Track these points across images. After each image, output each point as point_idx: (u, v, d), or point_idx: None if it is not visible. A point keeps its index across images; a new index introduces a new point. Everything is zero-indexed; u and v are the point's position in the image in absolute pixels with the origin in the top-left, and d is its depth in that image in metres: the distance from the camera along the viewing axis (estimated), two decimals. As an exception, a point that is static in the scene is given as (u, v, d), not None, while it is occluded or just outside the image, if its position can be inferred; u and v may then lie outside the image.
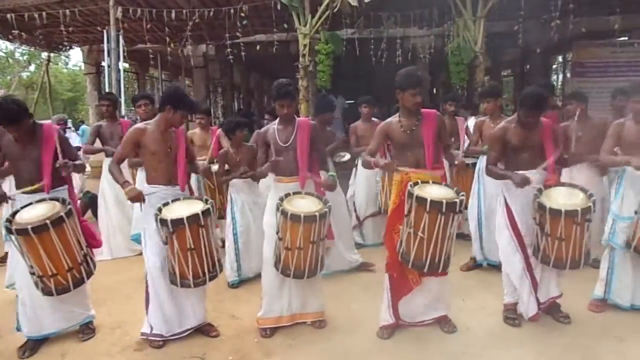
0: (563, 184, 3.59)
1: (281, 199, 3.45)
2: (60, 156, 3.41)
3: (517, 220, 3.58)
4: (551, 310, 3.69)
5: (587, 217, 3.29)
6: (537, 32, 9.89)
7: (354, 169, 5.81)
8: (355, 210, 5.72)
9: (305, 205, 3.41)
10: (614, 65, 10.61)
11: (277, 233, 3.42)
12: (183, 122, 3.53)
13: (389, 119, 3.56)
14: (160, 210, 3.33)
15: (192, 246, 3.27)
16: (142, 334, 3.51)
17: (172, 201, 3.44)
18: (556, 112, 5.32)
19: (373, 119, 5.59)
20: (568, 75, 13.77)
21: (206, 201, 3.46)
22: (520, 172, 3.48)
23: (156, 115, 3.55)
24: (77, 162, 3.57)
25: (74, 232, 3.31)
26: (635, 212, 3.56)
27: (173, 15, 8.65)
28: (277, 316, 3.63)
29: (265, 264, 3.66)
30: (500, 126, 3.72)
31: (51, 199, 3.35)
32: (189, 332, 3.60)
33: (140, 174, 5.04)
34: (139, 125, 3.56)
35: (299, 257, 3.37)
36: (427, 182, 3.32)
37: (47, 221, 3.12)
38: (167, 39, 9.69)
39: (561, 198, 3.38)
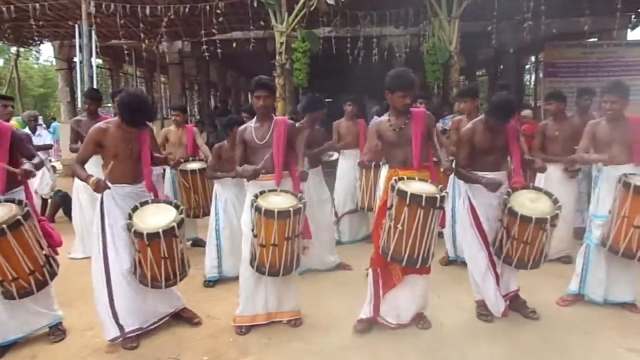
0: (528, 188, 3.67)
1: (256, 196, 3.45)
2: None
3: (481, 219, 3.65)
4: (519, 307, 3.77)
5: (554, 222, 3.38)
6: (510, 32, 10.08)
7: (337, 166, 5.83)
8: (334, 207, 5.74)
9: (280, 201, 3.42)
10: (584, 65, 10.87)
11: (252, 230, 3.42)
12: (132, 131, 3.41)
13: (380, 118, 3.61)
14: (130, 216, 3.31)
15: (166, 255, 3.29)
16: (112, 339, 3.42)
17: (141, 205, 3.41)
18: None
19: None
20: (540, 75, 14.07)
21: (177, 207, 3.45)
22: (490, 175, 3.56)
23: None
24: (34, 160, 3.46)
25: (33, 234, 3.21)
26: (609, 212, 3.65)
27: (147, 10, 8.51)
28: (253, 314, 3.63)
29: (242, 262, 3.65)
30: (467, 127, 3.77)
31: (6, 201, 3.23)
32: (165, 319, 3.63)
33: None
34: (100, 125, 3.46)
35: (274, 254, 3.37)
36: (413, 179, 3.36)
37: (4, 226, 3.02)
38: (142, 35, 9.54)
39: (529, 203, 3.47)
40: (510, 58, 12.57)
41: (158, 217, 3.33)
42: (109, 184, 3.32)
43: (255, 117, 3.72)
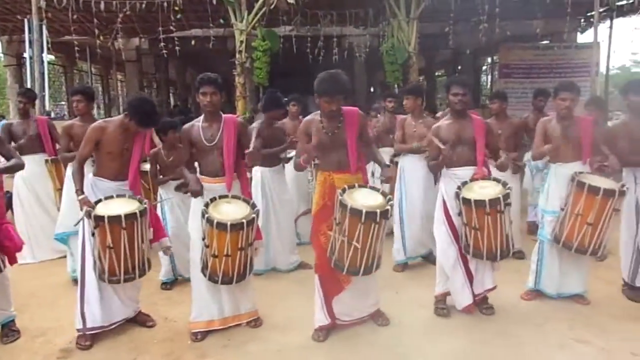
0: (488, 178, 3.70)
1: (206, 205, 3.30)
2: None
3: (452, 215, 3.71)
4: (477, 302, 3.84)
5: (498, 207, 3.41)
6: (466, 34, 10.33)
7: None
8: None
9: (232, 211, 3.28)
10: (536, 67, 11.24)
11: (204, 240, 3.30)
12: (139, 131, 3.45)
13: (310, 117, 3.48)
14: (98, 202, 3.29)
15: (111, 245, 3.20)
16: (78, 330, 3.41)
17: (117, 196, 3.39)
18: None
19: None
20: (496, 75, 14.47)
21: (141, 202, 3.37)
22: (459, 170, 3.65)
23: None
24: (10, 162, 3.38)
25: None
26: (562, 209, 3.75)
27: (102, 5, 8.27)
28: (208, 320, 3.53)
29: (192, 268, 3.55)
30: (435, 125, 3.85)
31: None
32: (124, 321, 3.59)
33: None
34: (100, 123, 3.52)
35: (227, 264, 3.26)
36: (353, 186, 3.31)
37: None
38: (96, 30, 9.25)
39: (478, 189, 3.52)
40: (468, 59, 12.91)
41: (119, 207, 3.26)
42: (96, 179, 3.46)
43: (203, 116, 3.54)
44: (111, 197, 3.37)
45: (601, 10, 9.09)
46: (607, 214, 3.57)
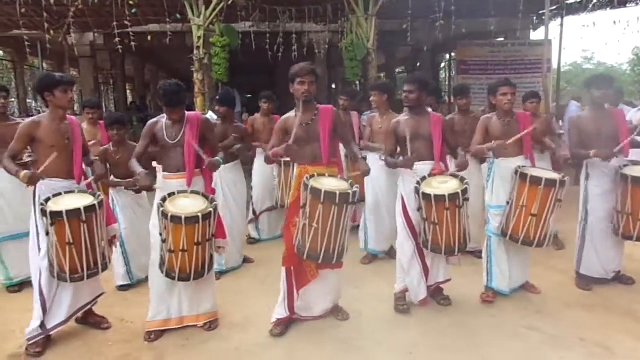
0: (446, 173, 3.75)
1: (163, 199, 3.30)
2: None
3: (409, 209, 3.76)
4: (434, 294, 3.93)
5: (457, 203, 3.47)
6: (424, 31, 10.49)
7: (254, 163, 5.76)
8: (252, 205, 5.69)
9: (189, 205, 3.28)
10: (492, 63, 11.54)
11: (161, 235, 3.29)
12: (69, 98, 3.37)
13: (287, 114, 3.58)
14: (47, 200, 3.18)
15: (71, 241, 3.11)
16: (30, 338, 3.25)
17: (65, 193, 3.29)
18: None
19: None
20: (454, 72, 14.77)
21: (96, 195, 3.31)
22: (417, 164, 3.67)
23: None
24: None
25: None
26: (508, 203, 3.84)
27: (52, -1, 7.94)
28: (164, 319, 3.49)
29: (151, 266, 3.50)
30: (394, 120, 3.91)
31: None
32: (87, 308, 3.53)
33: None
34: (33, 118, 3.42)
35: (184, 260, 3.24)
36: (323, 175, 3.39)
37: None
38: (46, 25, 8.90)
39: (437, 184, 3.58)
40: (426, 56, 13.08)
41: (73, 202, 3.18)
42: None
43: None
44: (59, 194, 3.26)
45: (552, 8, 9.40)
46: (550, 205, 3.67)
